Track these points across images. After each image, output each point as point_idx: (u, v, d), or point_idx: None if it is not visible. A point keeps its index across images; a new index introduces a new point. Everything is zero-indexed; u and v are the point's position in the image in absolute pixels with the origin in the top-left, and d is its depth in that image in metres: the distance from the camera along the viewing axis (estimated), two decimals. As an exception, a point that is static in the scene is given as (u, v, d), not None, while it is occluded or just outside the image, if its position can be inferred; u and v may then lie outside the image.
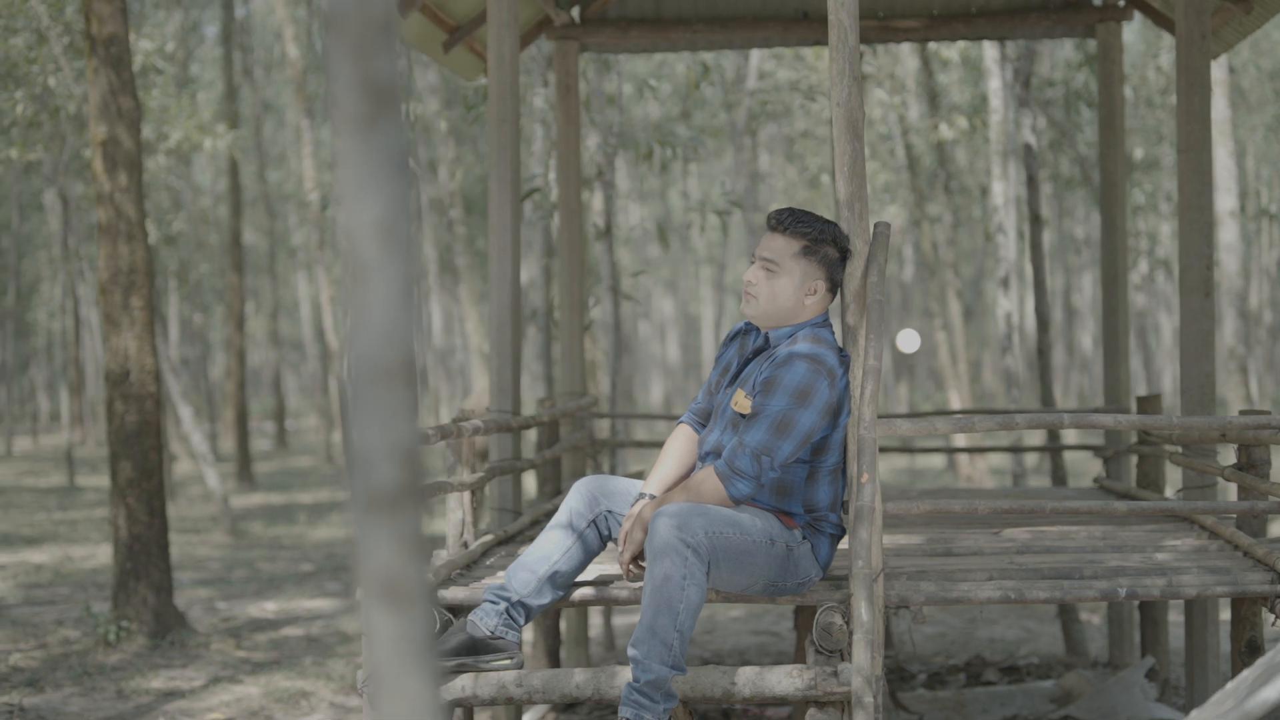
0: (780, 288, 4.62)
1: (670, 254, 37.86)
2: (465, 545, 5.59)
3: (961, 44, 14.55)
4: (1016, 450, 8.94)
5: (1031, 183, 9.60)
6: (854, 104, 4.63)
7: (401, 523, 1.55)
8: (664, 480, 4.79)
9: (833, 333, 4.71)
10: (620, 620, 10.60)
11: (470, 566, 5.42)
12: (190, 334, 34.88)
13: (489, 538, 5.77)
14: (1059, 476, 9.08)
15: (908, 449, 8.56)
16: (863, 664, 4.19)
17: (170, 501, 20.81)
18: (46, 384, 47.01)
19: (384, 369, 1.52)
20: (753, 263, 4.70)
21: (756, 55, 15.83)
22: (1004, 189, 11.68)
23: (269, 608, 11.41)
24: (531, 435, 16.70)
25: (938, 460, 25.05)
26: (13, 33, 14.67)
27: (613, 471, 11.04)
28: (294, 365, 57.97)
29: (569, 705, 7.68)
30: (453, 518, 5.65)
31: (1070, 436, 20.96)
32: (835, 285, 4.69)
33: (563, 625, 8.78)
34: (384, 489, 1.54)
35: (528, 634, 9.46)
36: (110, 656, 9.20)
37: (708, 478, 4.56)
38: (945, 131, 14.77)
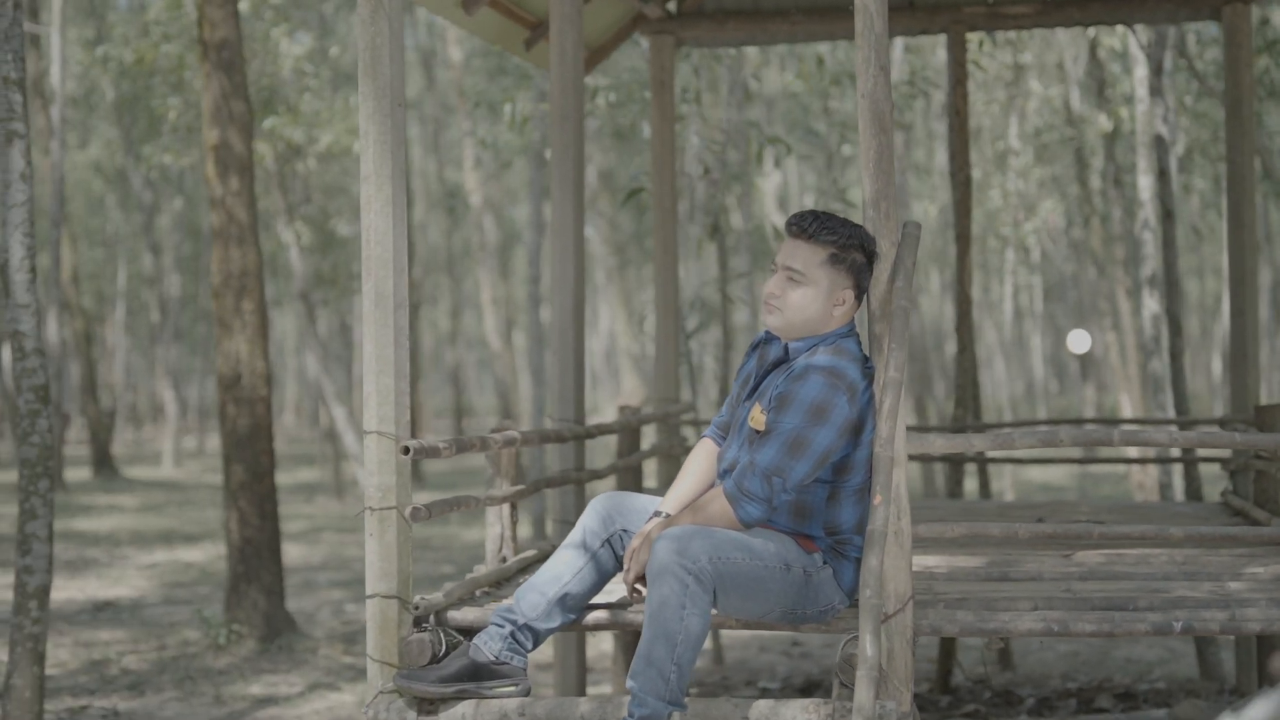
0: (806, 298, 4.29)
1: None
2: (504, 560, 5.39)
3: (1121, 30, 13.87)
4: (1162, 461, 8.44)
5: (1163, 176, 9.05)
6: (880, 95, 4.28)
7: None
8: (681, 498, 4.50)
9: (859, 343, 4.37)
10: (727, 635, 10.13)
11: (501, 584, 5.20)
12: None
13: (531, 553, 5.55)
14: (1193, 490, 8.52)
15: (1086, 459, 8.11)
16: (864, 703, 3.86)
17: (338, 500, 21.07)
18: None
19: None
20: (773, 271, 4.37)
21: (900, 44, 15.29)
22: (1150, 183, 11.07)
23: (394, 611, 11.35)
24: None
25: (1122, 466, 24.14)
26: (168, 39, 14.92)
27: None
28: (486, 363, 58.61)
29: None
30: (491, 532, 5.45)
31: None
32: (863, 292, 4.35)
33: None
34: None
35: (607, 646, 9.22)
36: (219, 660, 9.22)
37: (715, 499, 4.27)
38: (1105, 123, 14.12)
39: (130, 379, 41.66)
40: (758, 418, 4.28)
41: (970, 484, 18.87)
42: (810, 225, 4.30)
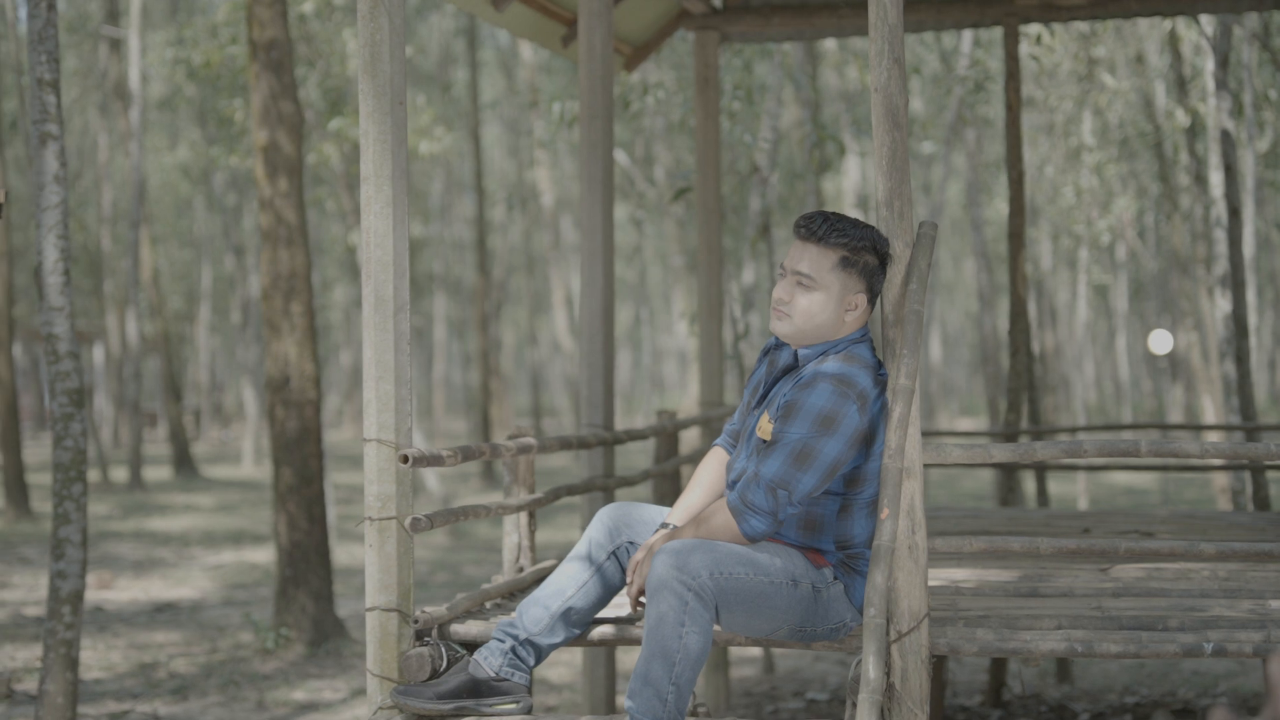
0: (817, 304, 4.08)
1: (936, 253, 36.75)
2: (520, 570, 5.25)
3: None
4: (1233, 468, 8.15)
5: (1229, 172, 8.73)
6: (894, 89, 4.09)
7: None
8: (689, 509, 4.33)
9: (872, 349, 4.17)
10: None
11: (514, 595, 5.06)
12: (461, 333, 35.54)
13: (549, 563, 5.40)
14: (1260, 498, 8.20)
15: (1164, 465, 7.86)
16: (865, 729, 3.67)
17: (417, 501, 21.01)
18: (338, 384, 48.47)
19: None
20: (782, 276, 4.18)
21: (969, 36, 14.93)
22: (1220, 179, 10.71)
23: (450, 615, 11.26)
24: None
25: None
26: (234, 42, 14.95)
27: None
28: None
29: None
30: (508, 541, 5.32)
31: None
32: (875, 295, 4.16)
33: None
34: None
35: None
36: (267, 664, 9.17)
37: (719, 511, 4.09)
38: (1182, 118, 13.74)
39: (216, 379, 42.08)
40: (765, 427, 4.10)
41: (1053, 489, 18.47)
42: (820, 227, 4.11)
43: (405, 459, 4.37)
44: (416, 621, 4.43)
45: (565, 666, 9.32)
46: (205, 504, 20.84)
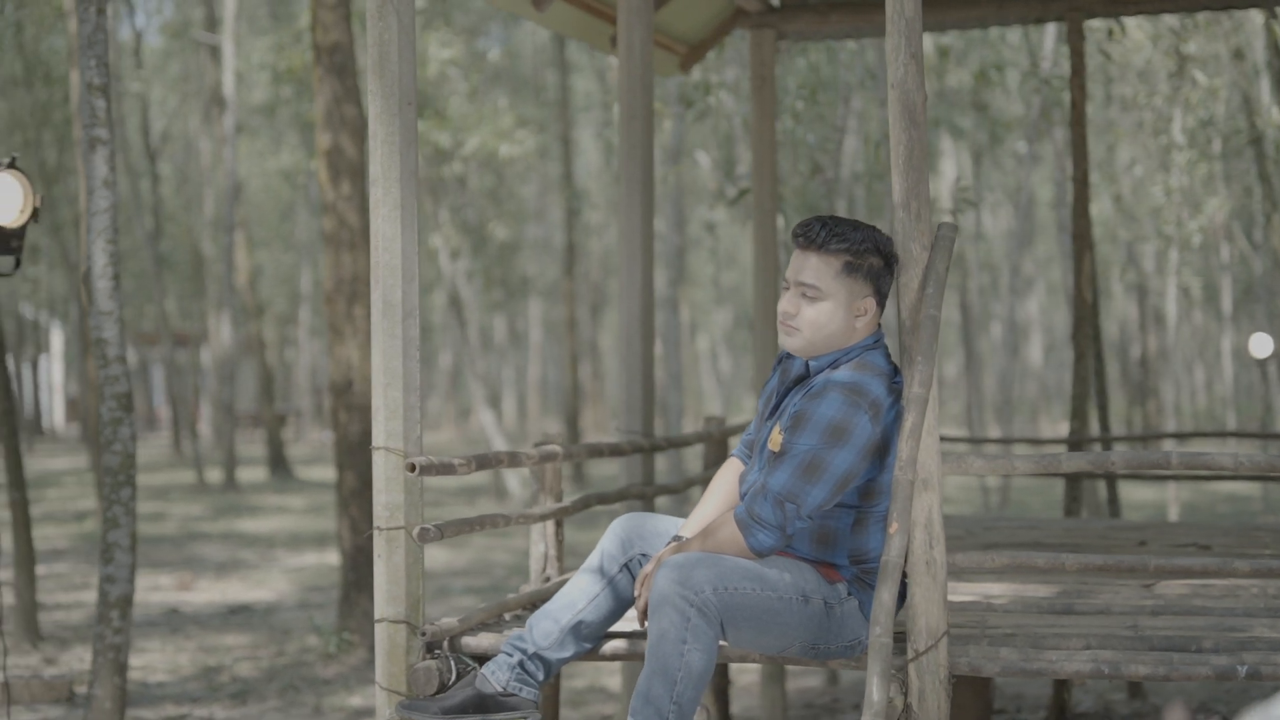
0: (824, 314, 3.93)
1: (1038, 254, 36.21)
2: (547, 580, 5.16)
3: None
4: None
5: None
6: (911, 85, 3.93)
7: None
8: (704, 520, 4.19)
9: (886, 355, 4.01)
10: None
11: (534, 605, 4.95)
12: (559, 336, 35.56)
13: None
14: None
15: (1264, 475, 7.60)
16: (866, 753, 3.51)
17: (498, 504, 21.05)
18: (439, 386, 48.70)
19: None
20: (785, 289, 4.02)
21: (1053, 33, 14.57)
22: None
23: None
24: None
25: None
26: (307, 47, 15.02)
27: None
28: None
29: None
30: (534, 551, 5.22)
31: None
32: (884, 298, 4.00)
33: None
34: None
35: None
36: (329, 669, 9.14)
37: (725, 524, 3.95)
38: (1276, 115, 13.33)
39: (316, 381, 42.49)
40: (776, 439, 3.96)
41: (1136, 495, 18.03)
42: (819, 234, 3.95)
43: (413, 467, 4.28)
44: (424, 634, 4.33)
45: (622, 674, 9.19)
46: (296, 505, 20.98)
